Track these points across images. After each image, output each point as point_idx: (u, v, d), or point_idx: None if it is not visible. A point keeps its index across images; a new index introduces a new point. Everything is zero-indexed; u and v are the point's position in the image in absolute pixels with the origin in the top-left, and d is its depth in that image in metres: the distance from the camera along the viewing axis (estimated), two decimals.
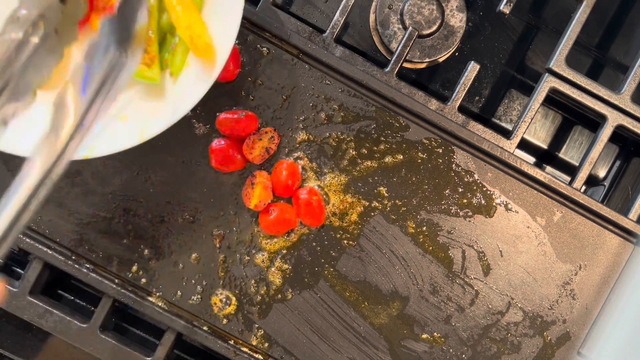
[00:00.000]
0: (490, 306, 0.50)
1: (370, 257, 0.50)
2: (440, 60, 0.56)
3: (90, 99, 0.35)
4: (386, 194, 0.50)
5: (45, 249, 0.49)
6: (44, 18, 0.38)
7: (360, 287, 0.50)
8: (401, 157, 0.50)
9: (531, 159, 0.58)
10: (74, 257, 0.50)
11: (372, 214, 0.50)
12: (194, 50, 0.43)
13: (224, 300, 0.49)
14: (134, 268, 0.49)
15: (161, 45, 0.44)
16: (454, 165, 0.50)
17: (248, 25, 0.49)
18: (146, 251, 0.49)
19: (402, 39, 0.51)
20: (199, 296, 0.50)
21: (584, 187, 0.52)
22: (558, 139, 0.58)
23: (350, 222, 0.50)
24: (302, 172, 0.50)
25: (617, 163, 0.58)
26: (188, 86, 0.43)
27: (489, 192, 0.50)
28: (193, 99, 0.42)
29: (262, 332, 0.50)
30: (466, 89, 0.51)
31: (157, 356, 0.50)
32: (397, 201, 0.50)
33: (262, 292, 0.50)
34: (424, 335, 0.50)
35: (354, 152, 0.50)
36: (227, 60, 0.42)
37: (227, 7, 0.43)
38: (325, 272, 0.50)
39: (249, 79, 0.50)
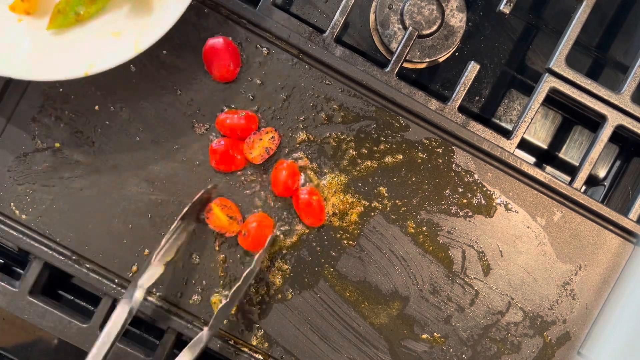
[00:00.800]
0: (490, 306, 0.50)
1: (370, 257, 0.50)
2: (440, 60, 0.56)
3: None
4: (386, 194, 0.50)
5: (45, 249, 0.49)
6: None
7: (360, 287, 0.50)
8: (401, 157, 0.50)
9: (531, 159, 0.58)
10: (74, 257, 0.50)
11: (372, 214, 0.50)
12: None
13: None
14: (134, 268, 0.49)
15: None
16: (454, 165, 0.50)
17: (248, 25, 0.49)
18: (146, 251, 0.49)
19: (402, 39, 0.51)
20: (199, 296, 0.50)
21: (584, 187, 0.52)
22: (558, 139, 0.58)
23: (350, 222, 0.50)
24: (302, 172, 0.50)
25: (617, 163, 0.58)
26: None
27: (489, 192, 0.50)
28: (179, 9, 0.44)
29: (262, 332, 0.50)
30: (466, 89, 0.51)
31: (157, 356, 0.50)
32: (397, 201, 0.50)
33: (262, 292, 0.50)
34: (424, 335, 0.50)
35: (354, 152, 0.50)
36: None
37: None
38: (325, 272, 0.50)
39: (249, 79, 0.50)
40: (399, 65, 0.50)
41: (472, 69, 0.51)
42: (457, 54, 0.57)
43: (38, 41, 0.46)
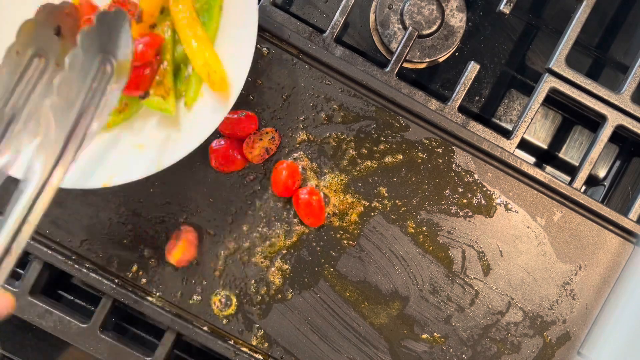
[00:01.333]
0: (490, 306, 0.50)
1: (370, 257, 0.50)
2: (440, 60, 0.56)
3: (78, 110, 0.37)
4: (386, 194, 0.50)
5: (45, 249, 0.49)
6: (42, 51, 0.39)
7: (360, 287, 0.50)
8: (401, 157, 0.50)
9: (531, 159, 0.58)
10: (74, 257, 0.50)
11: (372, 214, 0.50)
12: (210, 85, 0.43)
13: (224, 300, 0.49)
14: (134, 268, 0.49)
15: (175, 76, 0.45)
16: (454, 165, 0.50)
17: None
18: (146, 251, 0.49)
19: (402, 39, 0.51)
20: (199, 296, 0.50)
21: (584, 187, 0.52)
22: (558, 139, 0.58)
23: (350, 222, 0.50)
24: (302, 172, 0.50)
25: (617, 163, 0.58)
26: (202, 116, 0.44)
27: (489, 192, 0.50)
28: (208, 129, 0.43)
29: (262, 332, 0.50)
30: (466, 89, 0.51)
31: (157, 356, 0.50)
32: (397, 201, 0.50)
33: (262, 292, 0.50)
34: (424, 335, 0.50)
35: (354, 152, 0.50)
36: (240, 90, 0.43)
37: (240, 38, 0.44)
38: (325, 272, 0.50)
39: (249, 79, 0.50)
40: (399, 65, 0.50)
41: (472, 69, 0.51)
42: (457, 54, 0.57)
43: None
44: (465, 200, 0.50)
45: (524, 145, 0.58)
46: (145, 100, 0.44)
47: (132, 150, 0.44)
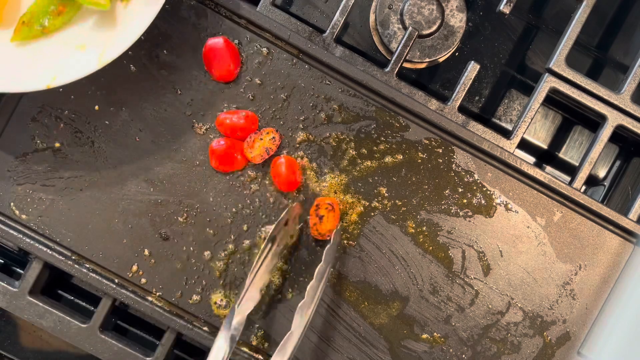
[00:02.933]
0: (490, 306, 0.50)
1: (370, 257, 0.50)
2: (440, 60, 0.56)
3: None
4: (386, 194, 0.50)
5: (45, 249, 0.49)
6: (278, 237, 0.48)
7: (360, 287, 0.50)
8: (401, 157, 0.50)
9: (531, 159, 0.58)
10: (74, 257, 0.50)
11: (372, 214, 0.50)
12: None
13: (224, 300, 0.49)
14: (134, 268, 0.49)
15: None
16: (454, 165, 0.50)
17: (248, 25, 0.49)
18: (146, 251, 0.49)
19: (402, 39, 0.51)
20: (198, 296, 0.50)
21: (584, 187, 0.52)
22: (558, 139, 0.58)
23: (350, 222, 0.50)
24: (302, 171, 0.50)
25: (617, 163, 0.58)
26: (139, 11, 0.45)
27: (489, 192, 0.50)
28: (145, 22, 0.44)
29: (262, 332, 0.50)
30: (466, 89, 0.51)
31: (157, 356, 0.50)
32: (397, 201, 0.50)
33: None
34: (424, 335, 0.50)
35: (354, 152, 0.50)
36: None
37: None
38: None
39: (249, 79, 0.50)
40: (399, 65, 0.50)
41: (472, 69, 0.51)
42: (457, 54, 0.57)
43: (1, 52, 0.46)
44: (465, 200, 0.50)
45: (524, 145, 0.58)
46: None
47: (74, 51, 0.46)
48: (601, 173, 0.58)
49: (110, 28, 0.46)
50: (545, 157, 0.58)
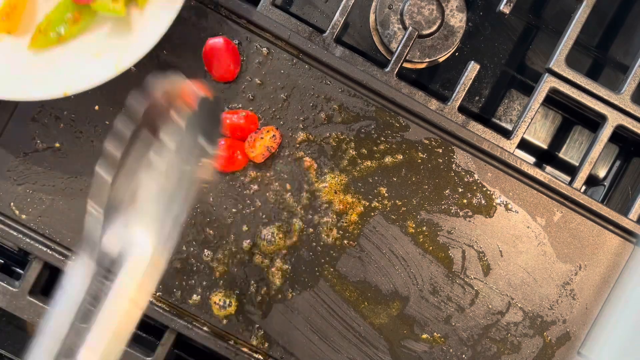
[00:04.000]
0: (490, 306, 0.50)
1: (370, 257, 0.50)
2: (440, 60, 0.56)
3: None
4: (386, 194, 0.50)
5: (45, 249, 0.49)
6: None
7: (360, 287, 0.50)
8: (401, 157, 0.50)
9: (531, 159, 0.58)
10: (74, 257, 0.49)
11: (372, 214, 0.50)
12: None
13: (224, 300, 0.49)
14: None
15: None
16: (454, 165, 0.50)
17: (248, 25, 0.49)
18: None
19: (402, 39, 0.51)
20: (198, 296, 0.50)
21: (584, 187, 0.52)
22: (558, 139, 0.58)
23: (350, 222, 0.50)
24: (302, 170, 0.50)
25: (617, 163, 0.58)
26: (155, 16, 0.45)
27: (489, 192, 0.50)
28: (161, 28, 0.44)
29: (262, 332, 0.50)
30: (466, 89, 0.51)
31: (157, 356, 0.50)
32: (397, 201, 0.50)
33: (262, 292, 0.50)
34: (424, 335, 0.50)
35: (354, 152, 0.50)
36: None
37: None
38: (325, 272, 0.50)
39: (249, 79, 0.50)
40: (399, 65, 0.50)
41: (472, 69, 0.51)
42: (457, 54, 0.57)
43: (18, 60, 0.46)
44: (465, 200, 0.50)
45: (524, 145, 0.58)
46: (94, 3, 0.45)
47: (90, 58, 0.46)
48: (601, 173, 0.58)
49: (126, 35, 0.46)
50: (545, 157, 0.58)
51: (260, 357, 0.50)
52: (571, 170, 0.57)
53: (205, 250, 0.49)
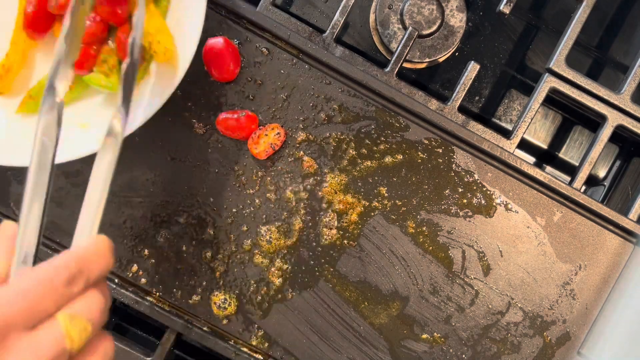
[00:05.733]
0: (490, 306, 0.50)
1: (370, 257, 0.50)
2: (440, 60, 0.56)
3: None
4: (386, 194, 0.50)
5: (45, 249, 0.49)
6: None
7: (360, 287, 0.50)
8: (401, 157, 0.50)
9: (531, 159, 0.58)
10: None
11: (372, 214, 0.50)
12: (155, 57, 0.43)
13: (224, 300, 0.49)
14: (134, 268, 0.49)
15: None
16: (454, 165, 0.50)
17: (248, 25, 0.49)
18: (146, 251, 0.49)
19: (402, 39, 0.51)
20: (198, 296, 0.50)
21: (584, 187, 0.52)
22: (558, 139, 0.58)
23: (350, 222, 0.50)
24: (303, 170, 0.50)
25: (617, 163, 0.58)
26: (148, 95, 0.44)
27: (489, 192, 0.50)
28: (153, 108, 0.43)
29: (262, 332, 0.50)
30: (466, 89, 0.51)
31: (157, 356, 0.50)
32: (397, 201, 0.50)
33: (262, 292, 0.50)
34: (424, 335, 0.50)
35: (354, 152, 0.50)
36: (187, 68, 0.42)
37: (189, 14, 0.43)
38: (325, 272, 0.50)
39: (249, 79, 0.50)
40: (399, 65, 0.50)
41: (472, 69, 0.51)
42: (457, 54, 0.57)
43: (4, 123, 0.44)
44: (465, 200, 0.50)
45: (524, 145, 0.58)
46: (87, 77, 0.44)
47: (77, 129, 0.44)
48: (601, 173, 0.58)
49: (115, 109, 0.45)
50: (545, 157, 0.58)
51: (260, 357, 0.50)
52: (571, 170, 0.57)
53: (206, 250, 0.49)
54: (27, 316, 0.31)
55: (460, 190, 0.50)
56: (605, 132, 0.51)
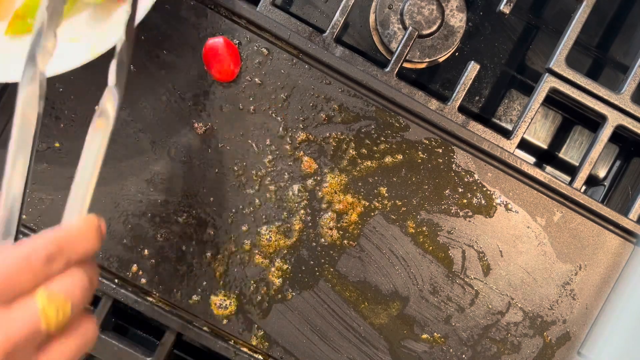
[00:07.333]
0: (490, 306, 0.50)
1: (370, 257, 0.50)
2: (440, 60, 0.56)
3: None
4: (386, 194, 0.50)
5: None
6: None
7: (360, 287, 0.50)
8: (401, 157, 0.50)
9: (531, 159, 0.58)
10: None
11: (372, 214, 0.50)
12: None
13: (224, 300, 0.49)
14: (134, 268, 0.49)
15: None
16: (454, 165, 0.50)
17: (248, 25, 0.49)
18: (146, 251, 0.49)
19: (402, 39, 0.51)
20: (198, 296, 0.50)
21: (584, 187, 0.52)
22: (558, 139, 0.58)
23: (350, 222, 0.50)
24: (302, 169, 0.50)
25: (617, 163, 0.58)
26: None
27: (489, 192, 0.50)
28: (138, 15, 0.43)
29: (262, 332, 0.50)
30: (466, 89, 0.51)
31: (157, 356, 0.50)
32: (397, 201, 0.50)
33: (262, 292, 0.50)
34: (424, 335, 0.50)
35: (354, 152, 0.50)
36: None
37: None
38: (325, 272, 0.50)
39: (249, 79, 0.50)
40: (399, 65, 0.50)
41: (472, 69, 0.51)
42: (457, 54, 0.57)
43: None
44: (465, 200, 0.50)
45: (524, 145, 0.58)
46: None
47: (67, 44, 0.45)
48: (601, 173, 0.58)
49: (103, 21, 0.46)
50: (545, 157, 0.58)
51: (260, 357, 0.50)
52: (571, 170, 0.57)
53: (205, 250, 0.49)
54: (0, 291, 0.30)
55: (460, 190, 0.50)
56: (605, 132, 0.51)
